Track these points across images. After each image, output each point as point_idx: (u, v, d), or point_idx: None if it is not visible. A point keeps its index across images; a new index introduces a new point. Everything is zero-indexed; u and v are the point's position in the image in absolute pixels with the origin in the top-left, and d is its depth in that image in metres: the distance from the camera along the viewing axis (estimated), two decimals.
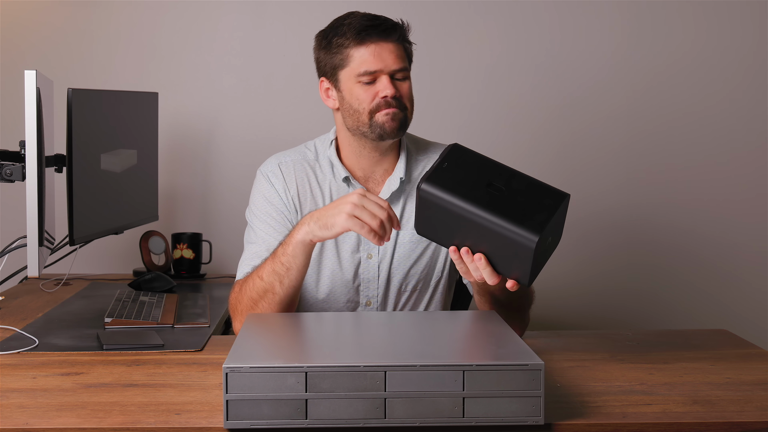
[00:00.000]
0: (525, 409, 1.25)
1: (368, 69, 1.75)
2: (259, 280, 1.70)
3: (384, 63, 1.75)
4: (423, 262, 1.87)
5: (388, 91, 1.75)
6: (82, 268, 2.62)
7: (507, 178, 1.43)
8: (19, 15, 2.83)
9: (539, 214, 1.39)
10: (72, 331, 1.86)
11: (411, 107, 1.80)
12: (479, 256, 1.46)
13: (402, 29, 1.79)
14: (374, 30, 1.75)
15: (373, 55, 1.75)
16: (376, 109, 1.76)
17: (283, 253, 1.67)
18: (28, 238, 1.86)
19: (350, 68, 1.77)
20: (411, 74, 1.81)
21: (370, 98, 1.76)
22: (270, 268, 1.69)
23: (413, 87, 1.82)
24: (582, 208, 2.96)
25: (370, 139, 1.79)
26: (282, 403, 1.24)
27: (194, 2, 2.86)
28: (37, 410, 1.34)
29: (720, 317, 2.93)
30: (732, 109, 2.95)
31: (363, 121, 1.77)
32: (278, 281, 1.68)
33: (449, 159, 1.45)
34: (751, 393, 1.42)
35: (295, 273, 1.67)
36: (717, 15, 2.92)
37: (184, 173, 2.91)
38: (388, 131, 1.76)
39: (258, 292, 1.70)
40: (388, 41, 1.76)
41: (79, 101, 2.07)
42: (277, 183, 1.87)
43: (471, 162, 1.45)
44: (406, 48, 1.80)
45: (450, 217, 1.43)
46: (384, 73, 1.76)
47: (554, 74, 2.92)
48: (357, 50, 1.76)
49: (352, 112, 1.79)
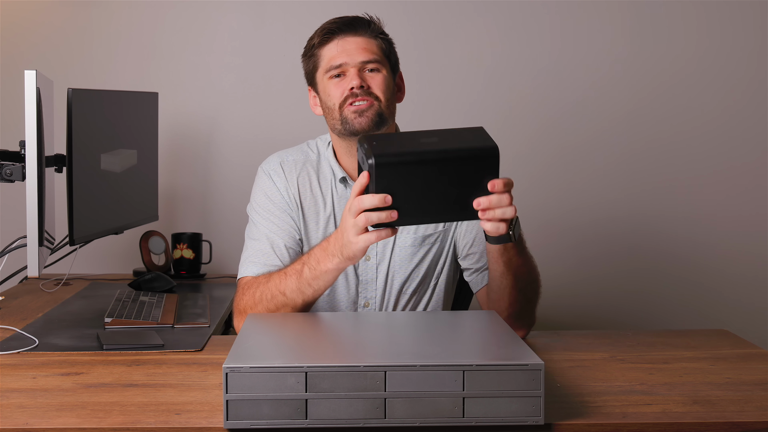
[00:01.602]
0: (525, 409, 1.25)
1: (333, 63, 1.77)
2: (281, 296, 1.69)
3: (349, 56, 1.76)
4: (424, 264, 1.87)
5: (354, 82, 1.75)
6: (82, 268, 2.62)
7: (430, 132, 1.50)
8: (19, 15, 2.83)
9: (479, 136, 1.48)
10: (72, 331, 1.85)
11: (386, 100, 1.77)
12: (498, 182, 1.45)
13: (368, 23, 1.80)
14: (338, 25, 1.78)
15: (338, 50, 1.77)
16: (344, 103, 1.76)
17: (314, 278, 1.64)
18: (28, 238, 1.86)
19: (322, 67, 1.79)
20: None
21: (339, 93, 1.76)
22: (295, 287, 1.67)
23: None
24: (582, 207, 2.96)
25: (345, 136, 1.79)
26: (282, 403, 1.24)
27: (194, 2, 2.86)
28: (37, 410, 1.34)
29: (720, 317, 2.93)
30: (732, 113, 2.95)
31: (336, 117, 1.78)
32: (302, 299, 1.68)
33: (374, 139, 1.47)
34: (751, 393, 1.42)
35: (323, 292, 1.68)
36: (720, 20, 2.92)
37: (184, 173, 2.91)
38: (357, 128, 1.75)
39: (277, 306, 1.70)
40: (354, 35, 1.78)
41: (79, 101, 2.07)
42: (279, 181, 1.87)
43: (391, 136, 1.52)
44: (380, 43, 1.80)
45: (411, 177, 1.43)
46: (351, 66, 1.76)
47: (555, 76, 2.92)
48: (324, 48, 1.79)
49: (327, 110, 1.80)
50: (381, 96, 1.77)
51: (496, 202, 1.46)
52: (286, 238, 1.82)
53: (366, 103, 1.75)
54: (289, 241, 1.82)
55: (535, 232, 2.89)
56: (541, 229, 2.92)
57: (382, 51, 1.80)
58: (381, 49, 1.80)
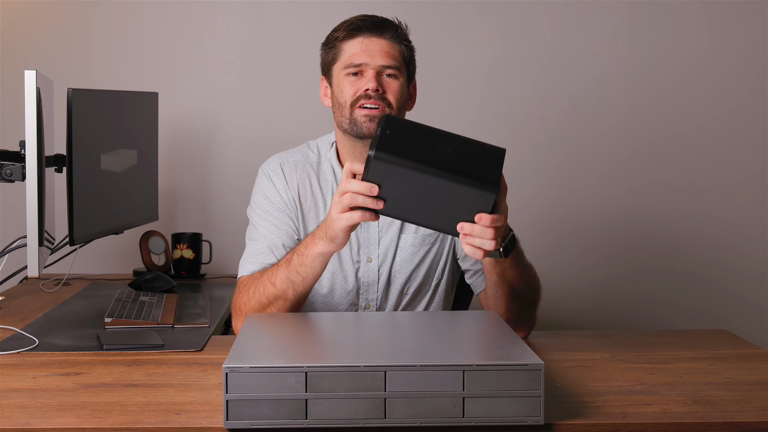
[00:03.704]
0: (525, 409, 1.25)
1: (354, 61, 1.76)
2: (271, 287, 1.69)
3: (371, 56, 1.75)
4: (425, 265, 1.87)
5: (370, 84, 1.74)
6: (82, 268, 2.62)
7: (449, 140, 1.45)
8: (19, 15, 2.83)
9: (490, 169, 1.43)
10: (72, 331, 1.86)
11: (398, 107, 1.77)
12: (484, 217, 1.42)
13: (396, 27, 1.79)
14: (365, 24, 1.77)
15: (360, 48, 1.76)
16: (356, 102, 1.75)
17: (301, 263, 1.64)
18: (28, 238, 1.86)
19: (341, 61, 1.78)
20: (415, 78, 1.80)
21: (353, 91, 1.76)
22: (284, 276, 1.67)
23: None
24: (582, 207, 2.96)
25: (351, 136, 1.78)
26: (282, 403, 1.24)
27: (194, 2, 2.86)
28: (37, 410, 1.34)
29: (720, 317, 2.93)
30: (733, 112, 2.95)
31: (345, 115, 1.77)
32: (292, 288, 1.67)
33: (389, 127, 1.45)
34: (751, 393, 1.42)
35: (311, 281, 1.67)
36: (720, 19, 2.92)
37: (184, 173, 2.91)
38: (365, 131, 1.75)
39: (269, 298, 1.69)
40: (379, 37, 1.77)
41: (79, 101, 2.07)
42: (278, 182, 1.86)
43: (410, 128, 1.47)
44: (402, 49, 1.79)
45: (404, 181, 1.42)
46: (370, 68, 1.75)
47: (555, 75, 2.92)
48: (347, 43, 1.77)
49: (338, 106, 1.79)
50: (394, 103, 1.76)
51: (479, 233, 1.43)
52: (284, 238, 1.82)
53: (378, 109, 1.74)
54: (288, 241, 1.82)
55: (535, 232, 2.91)
56: (541, 229, 2.93)
57: (402, 57, 1.79)
58: (402, 55, 1.79)
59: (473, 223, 1.42)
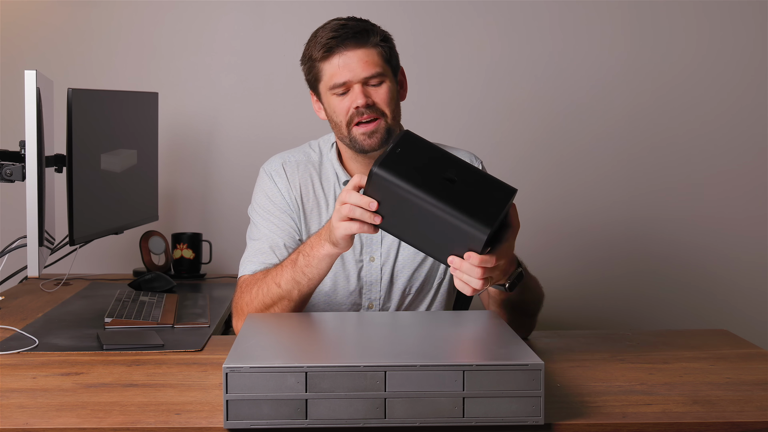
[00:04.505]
0: (525, 409, 1.25)
1: (337, 81, 1.73)
2: (276, 287, 1.68)
3: (352, 72, 1.72)
4: (427, 264, 1.87)
5: (359, 101, 1.72)
6: (82, 268, 2.62)
7: (459, 170, 1.43)
8: (19, 15, 2.83)
9: (491, 207, 1.39)
10: (72, 331, 1.85)
11: (391, 112, 1.75)
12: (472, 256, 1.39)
13: (368, 33, 1.74)
14: (338, 41, 1.72)
15: (339, 67, 1.72)
16: (351, 121, 1.74)
17: (307, 264, 1.64)
18: (28, 238, 1.86)
19: (324, 82, 1.76)
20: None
21: (345, 110, 1.74)
22: (290, 276, 1.66)
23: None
24: (582, 209, 2.96)
25: (354, 151, 1.78)
26: (282, 403, 1.24)
27: (194, 2, 2.86)
28: (37, 410, 1.34)
29: (720, 317, 2.93)
30: (735, 115, 2.95)
31: (344, 134, 1.76)
32: (297, 289, 1.67)
33: (402, 145, 1.43)
34: (751, 393, 1.42)
35: (316, 282, 1.67)
36: (721, 22, 2.92)
37: (184, 173, 2.91)
38: (366, 148, 1.75)
39: (273, 299, 1.69)
40: (355, 49, 1.72)
41: (79, 101, 2.07)
42: (280, 182, 1.86)
43: (423, 150, 1.45)
44: (380, 50, 1.75)
45: (401, 203, 1.40)
46: (354, 82, 1.72)
47: (555, 76, 2.92)
48: (325, 64, 1.74)
49: (334, 124, 1.79)
50: (387, 110, 1.74)
51: (467, 270, 1.40)
52: (286, 238, 1.82)
53: (374, 123, 1.73)
54: (289, 241, 1.82)
55: (535, 233, 2.91)
56: (542, 230, 2.93)
57: (383, 59, 1.75)
58: (382, 56, 1.75)
59: (463, 258, 1.40)
